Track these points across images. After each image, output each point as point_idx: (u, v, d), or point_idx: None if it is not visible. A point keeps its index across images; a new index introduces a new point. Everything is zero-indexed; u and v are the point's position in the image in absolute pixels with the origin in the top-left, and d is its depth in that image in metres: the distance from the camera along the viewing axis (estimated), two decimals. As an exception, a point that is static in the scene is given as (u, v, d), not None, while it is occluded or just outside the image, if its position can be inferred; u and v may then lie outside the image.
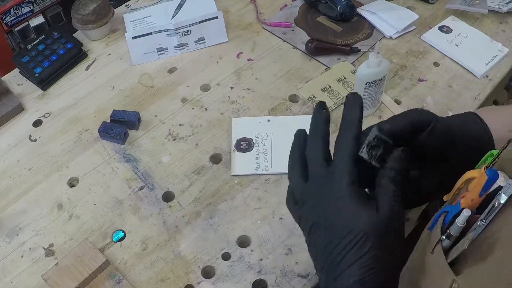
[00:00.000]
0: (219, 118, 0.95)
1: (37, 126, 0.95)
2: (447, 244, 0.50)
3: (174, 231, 0.80)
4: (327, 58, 1.03)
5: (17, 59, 1.01)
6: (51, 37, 1.05)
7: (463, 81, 0.99)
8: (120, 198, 0.84)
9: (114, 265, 0.76)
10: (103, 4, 1.05)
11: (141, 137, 0.92)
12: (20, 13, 1.18)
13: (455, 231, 0.50)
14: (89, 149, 0.91)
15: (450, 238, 0.50)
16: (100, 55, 1.06)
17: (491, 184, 0.49)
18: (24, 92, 1.00)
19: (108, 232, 0.80)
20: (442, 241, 0.50)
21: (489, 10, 1.08)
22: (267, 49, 1.06)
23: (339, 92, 0.97)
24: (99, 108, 0.97)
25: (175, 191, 0.85)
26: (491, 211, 0.47)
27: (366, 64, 0.85)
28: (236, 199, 0.83)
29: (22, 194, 0.85)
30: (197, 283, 0.74)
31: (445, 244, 0.50)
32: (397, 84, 0.98)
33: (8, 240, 0.80)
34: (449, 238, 0.50)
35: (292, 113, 0.94)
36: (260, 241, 0.78)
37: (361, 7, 1.12)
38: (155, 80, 1.02)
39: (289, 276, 0.74)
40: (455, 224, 0.49)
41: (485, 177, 0.48)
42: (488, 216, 0.47)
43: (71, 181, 0.87)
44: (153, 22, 1.07)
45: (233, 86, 1.00)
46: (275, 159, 0.87)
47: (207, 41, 1.07)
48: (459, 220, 0.49)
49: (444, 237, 0.50)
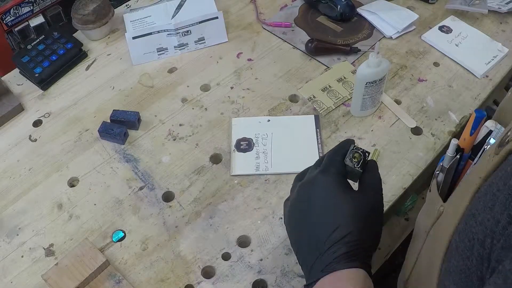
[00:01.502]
0: (219, 118, 0.95)
1: (37, 126, 0.95)
2: (441, 178, 0.56)
3: (174, 231, 0.80)
4: (327, 58, 1.03)
5: (17, 59, 1.01)
6: (51, 37, 1.05)
7: (463, 81, 0.99)
8: (120, 198, 0.84)
9: (114, 265, 0.76)
10: (103, 4, 1.05)
11: (141, 137, 0.92)
12: (20, 13, 1.18)
13: (446, 162, 0.55)
14: (89, 149, 0.91)
15: (443, 170, 0.55)
16: (100, 55, 1.06)
17: (479, 121, 0.53)
18: (24, 92, 1.00)
19: (108, 232, 0.80)
20: (437, 176, 0.56)
21: (489, 10, 1.07)
22: (267, 49, 1.06)
23: (339, 92, 0.97)
24: (99, 108, 0.97)
25: (175, 191, 0.85)
26: (484, 153, 0.52)
27: (366, 64, 0.85)
28: (236, 199, 0.83)
29: (22, 194, 0.85)
30: (197, 283, 0.74)
31: (439, 178, 0.56)
32: (397, 84, 0.98)
33: (8, 240, 0.80)
34: (442, 172, 0.55)
35: (292, 113, 0.94)
36: (260, 241, 0.78)
37: (361, 7, 1.12)
38: (155, 80, 1.02)
39: (289, 276, 0.74)
40: (446, 155, 0.55)
41: (474, 116, 0.54)
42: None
43: (71, 181, 0.87)
44: (153, 22, 1.07)
45: (233, 86, 0.99)
46: (275, 159, 0.87)
47: (207, 41, 1.07)
48: (449, 150, 0.54)
49: (438, 172, 0.56)
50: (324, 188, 0.58)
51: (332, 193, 0.57)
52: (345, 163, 0.60)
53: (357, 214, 0.55)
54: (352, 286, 0.51)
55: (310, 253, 0.56)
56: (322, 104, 0.95)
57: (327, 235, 0.55)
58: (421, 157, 0.87)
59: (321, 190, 0.58)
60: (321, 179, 0.59)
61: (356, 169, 0.60)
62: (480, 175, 0.46)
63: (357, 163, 0.60)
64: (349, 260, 0.53)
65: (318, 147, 0.88)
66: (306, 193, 0.60)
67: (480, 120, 0.54)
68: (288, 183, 0.85)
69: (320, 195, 0.58)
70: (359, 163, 0.60)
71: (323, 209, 0.57)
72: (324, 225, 0.56)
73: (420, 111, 0.94)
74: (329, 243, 0.54)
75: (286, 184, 0.85)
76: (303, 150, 0.88)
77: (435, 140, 0.90)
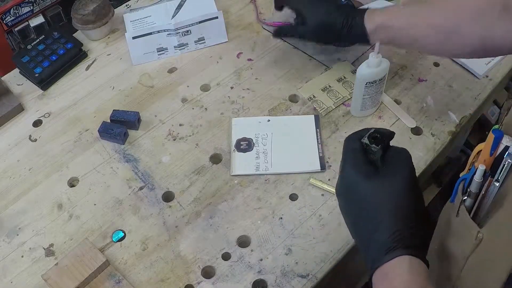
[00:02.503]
0: (219, 118, 0.95)
1: (37, 126, 0.95)
2: (469, 203, 0.55)
3: (174, 231, 0.80)
4: (327, 58, 1.03)
5: (17, 59, 1.01)
6: (51, 37, 1.05)
7: (463, 81, 0.99)
8: (120, 198, 0.84)
9: (114, 265, 0.76)
10: (103, 4, 1.05)
11: (141, 137, 0.92)
12: (20, 13, 1.17)
13: (475, 188, 0.54)
14: (89, 149, 0.91)
15: (471, 195, 0.54)
16: (100, 55, 1.06)
17: (498, 141, 0.53)
18: (24, 92, 1.00)
19: (108, 232, 0.80)
20: (464, 201, 0.55)
21: (489, 10, 1.07)
22: (267, 49, 1.06)
23: (339, 92, 0.97)
24: (99, 108, 0.97)
25: (175, 191, 0.85)
26: (504, 170, 0.52)
27: (366, 64, 0.85)
28: (236, 199, 0.83)
29: (22, 194, 0.85)
30: (197, 283, 0.74)
31: (467, 203, 0.55)
32: (397, 84, 0.98)
33: (8, 240, 0.80)
34: (469, 196, 0.54)
35: (292, 113, 0.94)
36: (260, 241, 0.78)
37: (361, 7, 1.12)
38: (155, 80, 1.02)
39: (289, 276, 0.74)
40: (473, 181, 0.54)
41: (492, 137, 0.53)
42: (502, 175, 0.52)
43: (71, 181, 0.87)
44: (153, 22, 1.07)
45: (233, 86, 0.99)
46: (275, 159, 0.87)
47: (207, 41, 1.07)
48: (476, 176, 0.54)
49: (465, 197, 0.55)
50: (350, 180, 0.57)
51: (354, 183, 0.56)
52: (364, 147, 0.58)
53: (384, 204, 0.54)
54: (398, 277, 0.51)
55: (360, 244, 0.57)
56: (322, 104, 0.95)
57: (361, 232, 0.55)
58: (421, 157, 0.87)
59: (348, 183, 0.57)
60: (346, 169, 0.58)
61: (372, 147, 0.58)
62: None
63: (374, 142, 0.57)
64: (388, 252, 0.52)
65: (318, 147, 0.88)
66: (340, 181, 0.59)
67: (499, 140, 0.53)
68: (288, 183, 0.85)
69: (349, 186, 0.57)
70: (377, 142, 0.57)
71: (352, 202, 0.57)
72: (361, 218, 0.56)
73: (420, 111, 0.94)
74: (364, 242, 0.55)
75: (286, 184, 0.85)
76: (303, 150, 0.88)
77: (435, 140, 0.90)
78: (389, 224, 0.53)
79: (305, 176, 0.85)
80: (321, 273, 0.75)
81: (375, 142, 0.58)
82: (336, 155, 0.88)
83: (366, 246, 0.55)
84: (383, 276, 0.52)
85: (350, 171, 0.57)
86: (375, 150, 0.58)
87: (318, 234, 0.79)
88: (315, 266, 0.75)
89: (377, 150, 0.58)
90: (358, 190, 0.56)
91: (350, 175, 0.57)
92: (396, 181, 0.55)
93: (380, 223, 0.53)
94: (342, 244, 0.77)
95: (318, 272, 0.75)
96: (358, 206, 0.56)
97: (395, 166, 0.56)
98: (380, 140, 0.58)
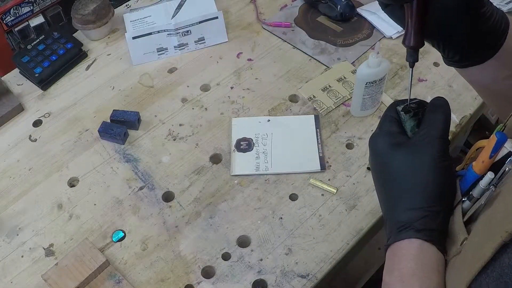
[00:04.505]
0: (219, 118, 0.95)
1: (37, 126, 0.95)
2: (467, 205, 0.53)
3: (174, 231, 0.80)
4: (327, 58, 1.03)
5: (17, 59, 1.01)
6: (51, 37, 1.05)
7: (463, 81, 0.98)
8: (120, 198, 0.84)
9: (114, 265, 0.76)
10: (103, 4, 1.05)
11: (141, 137, 0.92)
12: (20, 13, 1.18)
13: (477, 193, 0.52)
14: (89, 149, 0.91)
15: (471, 199, 0.53)
16: (100, 55, 1.06)
17: (501, 145, 0.52)
18: (24, 92, 1.00)
19: (108, 232, 0.80)
20: (463, 202, 0.53)
21: (489, 10, 1.07)
22: (267, 49, 1.06)
23: (339, 92, 0.97)
24: (99, 108, 0.97)
25: (175, 191, 0.85)
26: (503, 176, 0.51)
27: (366, 64, 0.85)
28: (236, 199, 0.83)
29: (22, 194, 0.86)
30: (197, 283, 0.74)
31: (465, 205, 0.54)
32: (397, 84, 0.98)
33: (8, 240, 0.80)
34: (470, 200, 0.53)
35: (292, 113, 0.94)
36: (260, 241, 0.78)
37: (361, 7, 1.12)
38: (155, 80, 1.02)
39: (289, 276, 0.74)
40: (478, 186, 0.52)
41: (495, 139, 0.51)
42: (501, 182, 0.51)
43: (71, 181, 0.87)
44: (153, 22, 1.07)
45: (233, 86, 1.00)
46: (275, 159, 0.87)
47: (207, 41, 1.07)
48: (483, 182, 0.52)
49: (465, 199, 0.53)
50: (377, 148, 0.56)
51: (380, 152, 0.55)
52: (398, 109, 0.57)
53: (406, 178, 0.52)
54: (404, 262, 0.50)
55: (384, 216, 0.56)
56: (322, 104, 0.95)
57: (382, 204, 0.55)
58: (421, 157, 0.87)
59: (375, 152, 0.56)
60: (375, 135, 0.56)
61: (402, 115, 0.56)
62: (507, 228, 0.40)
63: (409, 112, 0.56)
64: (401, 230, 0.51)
65: (318, 147, 0.88)
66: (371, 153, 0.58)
67: (502, 144, 0.52)
68: (288, 183, 0.85)
69: (375, 154, 0.56)
70: (412, 111, 0.56)
71: (377, 172, 0.56)
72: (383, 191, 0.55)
73: (420, 111, 0.94)
74: (385, 215, 0.54)
75: (286, 184, 0.85)
76: (303, 150, 0.88)
77: (435, 140, 0.89)
78: (406, 201, 0.51)
79: (305, 176, 0.85)
80: (321, 273, 0.75)
81: (413, 112, 0.56)
82: (336, 155, 0.88)
83: (385, 220, 0.54)
84: (392, 256, 0.51)
85: (378, 138, 0.56)
86: (405, 120, 0.56)
87: (318, 234, 0.79)
88: (315, 266, 0.75)
89: (408, 120, 0.56)
90: (382, 161, 0.54)
91: (378, 143, 0.55)
92: (421, 154, 0.51)
93: (399, 198, 0.52)
94: (342, 244, 0.77)
95: (318, 272, 0.75)
96: (382, 177, 0.55)
97: (424, 138, 0.53)
98: (416, 109, 0.56)
